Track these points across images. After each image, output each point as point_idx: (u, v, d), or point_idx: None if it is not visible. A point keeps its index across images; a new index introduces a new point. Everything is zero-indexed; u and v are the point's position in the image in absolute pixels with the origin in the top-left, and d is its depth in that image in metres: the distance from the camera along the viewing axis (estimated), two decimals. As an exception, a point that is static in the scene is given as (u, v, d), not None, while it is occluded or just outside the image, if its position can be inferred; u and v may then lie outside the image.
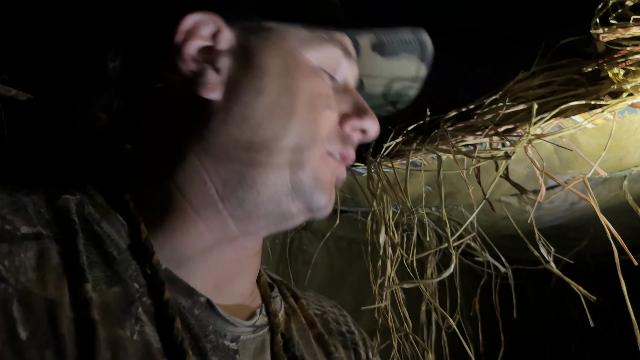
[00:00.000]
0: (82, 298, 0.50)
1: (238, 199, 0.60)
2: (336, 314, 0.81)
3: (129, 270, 0.56)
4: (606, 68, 0.72)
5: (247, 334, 0.63)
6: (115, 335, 0.50)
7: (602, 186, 0.99)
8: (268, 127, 0.60)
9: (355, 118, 0.65)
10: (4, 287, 0.46)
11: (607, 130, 0.74)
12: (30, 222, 0.52)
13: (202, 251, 0.61)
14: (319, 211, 0.63)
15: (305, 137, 0.61)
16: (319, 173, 0.62)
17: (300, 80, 0.62)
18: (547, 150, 0.81)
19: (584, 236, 1.38)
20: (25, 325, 0.46)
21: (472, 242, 1.00)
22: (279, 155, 0.60)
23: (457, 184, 0.92)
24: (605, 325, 1.48)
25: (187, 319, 0.57)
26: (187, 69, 0.61)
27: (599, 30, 0.73)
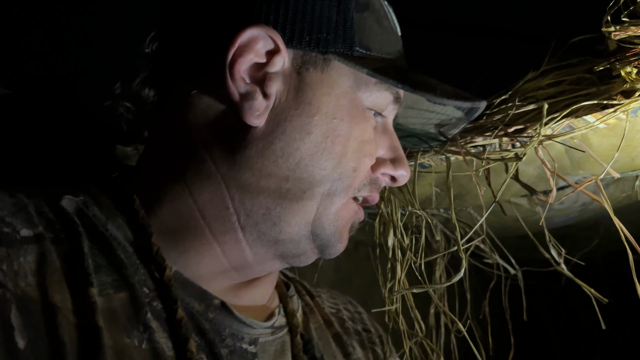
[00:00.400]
0: (86, 303, 0.48)
1: (259, 232, 0.57)
2: (351, 312, 0.80)
3: (138, 274, 0.53)
4: (618, 67, 0.71)
5: (266, 335, 0.61)
6: (121, 344, 0.48)
7: (614, 186, 0.97)
8: (307, 168, 0.57)
9: (389, 165, 0.63)
10: (1, 293, 0.44)
11: (619, 130, 0.73)
12: (31, 224, 0.50)
13: (215, 272, 0.59)
14: (330, 254, 0.62)
15: (340, 184, 0.59)
16: (340, 220, 0.60)
17: (349, 125, 0.58)
18: (558, 151, 0.80)
19: (594, 236, 1.36)
20: (24, 333, 0.43)
21: (481, 244, 0.99)
22: (311, 199, 0.57)
23: (466, 186, 0.91)
24: (616, 326, 1.47)
25: (201, 323, 0.55)
26: (235, 89, 0.56)
27: (610, 28, 0.71)
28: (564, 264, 0.89)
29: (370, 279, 1.27)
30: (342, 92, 0.59)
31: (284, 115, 0.57)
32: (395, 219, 0.86)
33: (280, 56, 0.56)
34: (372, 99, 0.61)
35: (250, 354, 0.58)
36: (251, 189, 0.56)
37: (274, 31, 0.56)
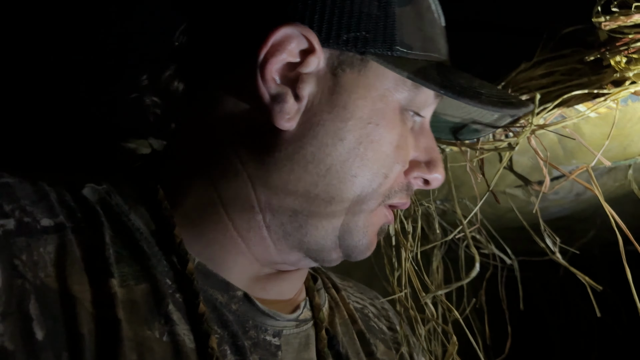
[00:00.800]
0: (106, 294, 0.47)
1: (284, 232, 0.56)
2: (378, 308, 0.78)
3: (160, 265, 0.53)
4: (608, 56, 0.72)
5: (290, 328, 0.60)
6: (142, 335, 0.47)
7: (607, 176, 0.98)
8: (337, 175, 0.54)
9: (424, 169, 0.60)
10: (20, 283, 0.43)
11: (610, 119, 0.74)
12: (52, 213, 0.49)
13: (240, 265, 0.58)
14: (357, 259, 0.60)
15: (371, 191, 0.56)
16: (370, 227, 0.58)
17: (385, 130, 0.55)
18: (551, 141, 0.81)
19: (591, 227, 1.38)
20: (42, 324, 0.43)
21: (477, 234, 1.00)
22: (339, 205, 0.56)
23: (461, 177, 0.92)
24: (613, 315, 1.48)
25: (224, 315, 0.54)
26: (265, 90, 0.54)
27: (600, 19, 0.72)
28: (560, 254, 0.90)
29: (370, 272, 1.28)
30: (379, 95, 0.55)
31: (316, 119, 0.54)
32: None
33: (315, 56, 0.54)
34: (411, 97, 0.57)
35: (274, 346, 0.57)
36: (278, 190, 0.55)
37: (309, 30, 0.53)
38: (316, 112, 0.54)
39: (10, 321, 0.42)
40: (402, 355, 0.75)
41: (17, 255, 0.45)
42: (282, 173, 0.55)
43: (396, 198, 0.59)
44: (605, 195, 1.11)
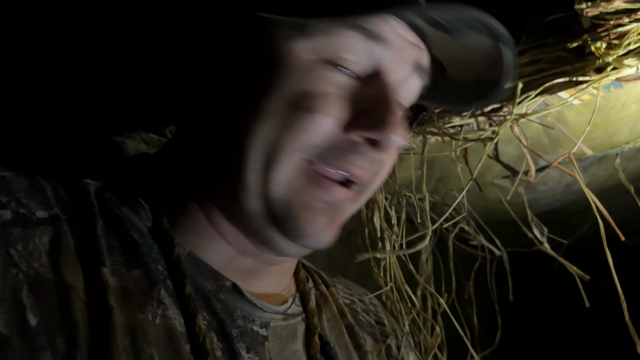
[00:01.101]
0: (98, 282, 0.48)
1: (229, 220, 0.56)
2: (366, 303, 0.79)
3: (152, 253, 0.54)
4: (590, 43, 0.72)
5: (278, 320, 0.60)
6: (135, 320, 0.48)
7: (596, 166, 0.98)
8: (237, 136, 0.53)
9: (366, 126, 0.52)
10: (14, 273, 0.45)
11: (594, 106, 0.74)
12: (47, 205, 0.50)
13: (228, 258, 0.58)
14: (307, 241, 0.53)
15: (278, 144, 0.51)
16: (297, 194, 0.53)
17: (280, 78, 0.52)
18: (536, 130, 0.81)
19: (585, 221, 1.37)
20: (36, 311, 0.44)
21: (465, 225, 0.99)
22: (247, 165, 0.52)
23: (449, 168, 0.92)
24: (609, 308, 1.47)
25: (212, 303, 0.55)
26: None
27: (582, 6, 0.72)
28: (555, 249, 0.90)
29: (364, 268, 1.28)
30: (273, 45, 0.52)
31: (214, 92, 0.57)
32: (380, 200, 0.87)
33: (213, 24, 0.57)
34: (321, 45, 0.51)
35: (261, 337, 0.58)
36: (200, 178, 0.56)
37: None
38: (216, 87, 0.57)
39: (4, 308, 0.43)
40: (389, 347, 0.75)
41: (13, 246, 0.46)
42: (197, 156, 0.57)
43: (334, 159, 0.52)
44: (596, 186, 1.11)
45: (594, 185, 1.02)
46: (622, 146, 0.87)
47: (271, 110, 0.51)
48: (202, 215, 0.57)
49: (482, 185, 0.91)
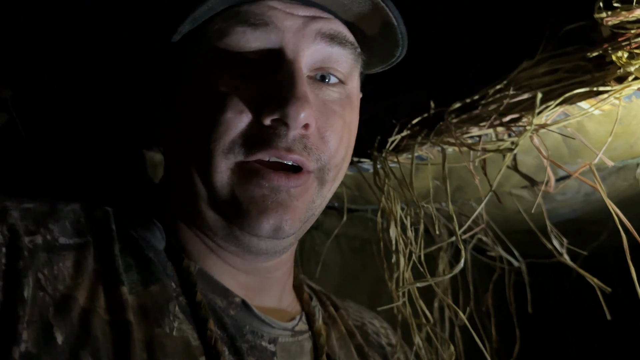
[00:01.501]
0: (117, 301, 0.51)
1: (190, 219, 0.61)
2: (376, 326, 0.81)
3: (167, 269, 0.57)
4: (610, 52, 0.70)
5: (286, 337, 0.62)
6: (152, 334, 0.51)
7: (616, 175, 0.96)
8: (176, 144, 0.60)
9: (267, 111, 0.54)
10: (42, 296, 0.48)
11: (614, 116, 0.73)
12: (70, 231, 0.55)
13: (221, 266, 0.62)
14: (265, 232, 0.55)
15: (204, 154, 0.55)
16: (240, 190, 0.55)
17: (193, 92, 0.57)
18: (556, 140, 0.80)
19: (603, 230, 1.35)
20: (62, 329, 0.47)
21: (483, 236, 0.98)
22: (195, 183, 0.56)
23: (466, 178, 0.91)
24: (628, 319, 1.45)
25: (222, 319, 0.57)
26: None
27: (602, 14, 0.71)
28: (572, 258, 0.89)
29: (378, 277, 1.27)
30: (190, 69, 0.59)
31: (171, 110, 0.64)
32: (395, 211, 0.86)
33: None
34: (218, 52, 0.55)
35: (269, 352, 0.59)
36: (176, 197, 0.63)
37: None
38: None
39: (33, 328, 0.46)
40: None
41: (41, 270, 0.50)
42: (170, 175, 0.65)
43: (262, 149, 0.54)
44: (615, 196, 1.09)
45: (613, 195, 1.01)
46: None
47: (193, 123, 0.56)
48: (195, 232, 0.61)
49: (500, 195, 0.90)
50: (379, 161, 0.87)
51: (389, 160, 0.86)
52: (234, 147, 0.54)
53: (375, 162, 0.87)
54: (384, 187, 0.89)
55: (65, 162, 0.88)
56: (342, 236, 1.27)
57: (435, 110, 0.84)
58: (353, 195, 1.04)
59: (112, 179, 0.90)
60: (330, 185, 0.60)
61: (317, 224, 1.23)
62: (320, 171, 0.58)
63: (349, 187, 1.00)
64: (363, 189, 1.00)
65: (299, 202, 0.56)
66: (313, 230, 1.27)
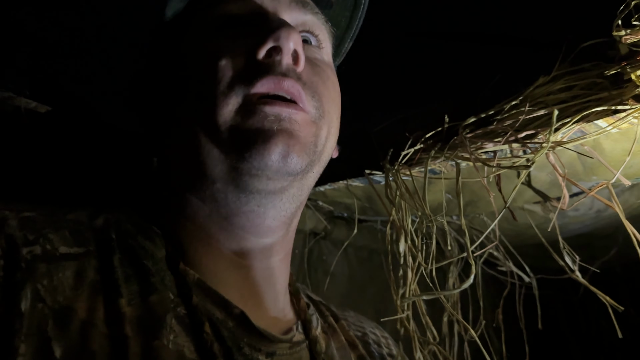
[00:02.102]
0: (115, 314, 0.51)
1: (202, 185, 0.59)
2: (377, 336, 0.80)
3: (165, 280, 0.57)
4: (629, 70, 0.70)
5: (284, 350, 0.61)
6: (150, 347, 0.51)
7: (629, 192, 0.96)
8: (188, 118, 0.60)
9: (260, 44, 0.57)
10: (40, 307, 0.47)
11: (631, 134, 0.72)
12: (70, 241, 0.54)
13: (222, 263, 0.61)
14: (274, 164, 0.56)
15: (210, 95, 0.57)
16: (246, 121, 0.56)
17: (195, 59, 0.61)
18: (570, 156, 0.79)
19: (612, 245, 1.34)
20: (60, 342, 0.47)
21: (495, 251, 0.98)
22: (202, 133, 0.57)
23: (478, 192, 0.91)
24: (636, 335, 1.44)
25: (220, 331, 0.56)
26: None
27: (621, 32, 0.71)
28: (580, 272, 0.88)
29: (385, 288, 1.27)
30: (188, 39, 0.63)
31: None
32: (406, 224, 0.86)
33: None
34: (207, 18, 0.62)
35: None
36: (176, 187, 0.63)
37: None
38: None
39: (31, 342, 0.45)
40: None
41: (40, 281, 0.49)
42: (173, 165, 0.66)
43: (260, 84, 0.57)
44: (628, 213, 1.08)
45: (626, 212, 1.00)
46: (658, 174, 0.85)
47: (193, 84, 0.59)
48: (192, 226, 0.61)
49: (512, 210, 0.90)
50: (391, 174, 0.87)
51: (401, 173, 0.86)
52: (234, 85, 0.57)
53: (387, 174, 0.87)
54: (395, 200, 0.88)
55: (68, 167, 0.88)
56: (349, 246, 1.26)
57: (450, 124, 0.83)
58: (363, 206, 1.04)
59: (112, 184, 0.90)
60: (322, 148, 0.62)
61: (326, 234, 1.23)
62: (316, 117, 0.60)
63: (359, 199, 1.00)
64: (373, 201, 1.00)
65: (302, 133, 0.58)
66: (321, 240, 1.27)
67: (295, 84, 0.58)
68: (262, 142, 0.55)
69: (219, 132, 0.56)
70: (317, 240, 1.27)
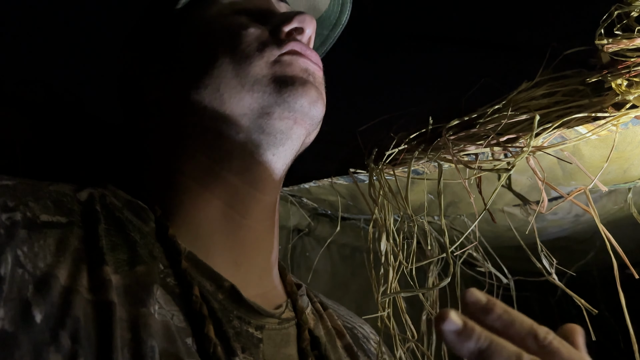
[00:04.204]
0: (100, 280, 0.50)
1: (221, 140, 0.62)
2: (366, 331, 0.80)
3: (154, 251, 0.57)
4: (610, 79, 0.71)
5: (273, 324, 0.61)
6: (137, 313, 0.50)
7: (607, 198, 0.98)
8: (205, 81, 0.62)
9: (286, 22, 0.64)
10: (20, 273, 0.47)
11: (610, 141, 0.74)
12: (52, 210, 0.53)
13: (215, 222, 0.62)
14: (303, 103, 0.62)
15: (238, 59, 0.62)
16: (280, 72, 0.62)
17: (216, 29, 0.65)
18: (550, 161, 0.81)
19: (590, 249, 1.37)
20: (41, 308, 0.46)
21: (474, 252, 0.99)
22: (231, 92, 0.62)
23: (460, 193, 0.92)
24: (611, 338, 1.47)
25: (210, 302, 0.56)
26: None
27: (603, 41, 0.72)
28: (557, 275, 0.89)
29: (367, 285, 1.28)
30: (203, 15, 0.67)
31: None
32: (388, 223, 0.87)
33: None
34: (224, 7, 0.67)
35: (255, 338, 0.59)
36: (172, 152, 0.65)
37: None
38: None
39: (11, 306, 0.45)
40: None
41: (20, 247, 0.48)
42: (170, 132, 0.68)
43: (290, 44, 0.63)
44: (604, 218, 1.10)
45: (603, 217, 1.02)
46: (635, 181, 0.87)
47: (222, 44, 0.63)
48: (196, 185, 0.62)
49: (492, 212, 0.91)
50: (375, 173, 0.88)
51: (385, 172, 0.87)
52: (266, 45, 0.63)
53: (371, 173, 0.88)
54: (378, 199, 0.89)
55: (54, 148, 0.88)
56: (333, 243, 1.27)
57: (434, 126, 0.85)
58: (347, 204, 1.05)
59: (98, 162, 0.90)
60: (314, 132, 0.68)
61: (309, 230, 1.24)
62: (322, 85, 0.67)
63: (343, 197, 1.00)
64: (357, 199, 1.01)
65: (322, 89, 0.65)
66: (304, 236, 1.28)
67: (314, 53, 0.65)
68: (301, 85, 0.61)
69: (255, 80, 0.61)
70: (300, 236, 1.28)
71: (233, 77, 0.61)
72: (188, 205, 0.62)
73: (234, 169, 0.62)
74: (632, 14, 0.72)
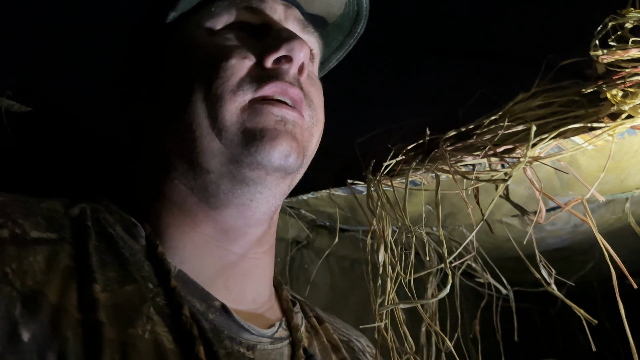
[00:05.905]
0: (89, 299, 0.50)
1: (194, 174, 0.60)
2: (363, 345, 0.80)
3: (143, 270, 0.56)
4: (605, 89, 0.72)
5: (265, 344, 0.61)
6: (125, 335, 0.50)
7: (605, 208, 0.98)
8: (183, 110, 0.60)
9: (272, 51, 0.60)
10: (8, 290, 0.46)
11: (607, 151, 0.74)
12: (43, 226, 0.53)
13: (202, 247, 0.61)
14: (276, 159, 0.58)
15: (214, 96, 0.59)
16: (251, 121, 0.59)
17: (199, 53, 0.62)
18: (548, 171, 0.81)
19: (589, 259, 1.36)
20: (29, 327, 0.45)
21: (473, 263, 0.99)
22: (201, 129, 0.59)
23: (458, 204, 0.92)
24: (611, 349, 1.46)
25: (200, 322, 0.56)
26: None
27: (598, 52, 0.73)
28: (557, 286, 0.89)
29: (366, 297, 1.27)
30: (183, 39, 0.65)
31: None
32: (386, 234, 0.87)
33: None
34: (217, 20, 0.64)
35: (247, 359, 0.58)
36: (161, 174, 0.63)
37: None
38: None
39: None
40: None
41: (8, 264, 0.48)
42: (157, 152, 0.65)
43: (267, 87, 0.60)
44: (603, 228, 1.10)
45: (601, 227, 1.02)
46: (632, 191, 0.87)
47: (200, 76, 0.60)
48: (178, 211, 0.61)
49: (491, 222, 0.91)
50: (372, 184, 0.88)
51: (383, 184, 0.87)
52: (242, 85, 0.59)
53: (369, 185, 0.88)
54: (376, 210, 0.89)
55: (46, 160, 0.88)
56: (331, 255, 1.27)
57: (431, 137, 0.85)
58: (345, 216, 1.05)
59: (91, 178, 0.90)
60: (310, 153, 0.65)
61: (308, 242, 1.24)
62: (310, 124, 0.64)
63: (341, 208, 1.01)
64: (355, 211, 1.01)
65: (301, 136, 0.62)
66: (303, 248, 1.28)
67: (300, 92, 0.62)
68: (270, 140, 0.58)
69: (223, 126, 0.58)
70: (299, 248, 1.27)
71: (205, 117, 0.59)
72: (174, 229, 0.61)
73: (212, 205, 0.61)
74: (626, 26, 0.73)
